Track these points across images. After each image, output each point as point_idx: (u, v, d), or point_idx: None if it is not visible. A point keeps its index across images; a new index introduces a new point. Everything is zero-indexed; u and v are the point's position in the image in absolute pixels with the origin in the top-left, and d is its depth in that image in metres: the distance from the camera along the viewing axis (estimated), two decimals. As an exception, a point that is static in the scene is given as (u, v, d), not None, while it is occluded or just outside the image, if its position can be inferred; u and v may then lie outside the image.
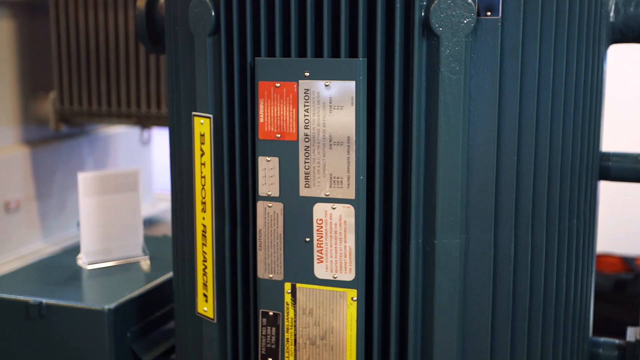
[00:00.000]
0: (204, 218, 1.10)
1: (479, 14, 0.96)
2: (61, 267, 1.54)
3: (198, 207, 1.10)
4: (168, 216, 2.17)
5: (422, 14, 0.95)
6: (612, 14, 1.11)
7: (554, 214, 1.05)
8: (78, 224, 1.58)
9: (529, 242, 1.03)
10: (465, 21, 0.95)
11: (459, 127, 0.97)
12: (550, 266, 1.06)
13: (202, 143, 1.08)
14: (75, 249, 1.63)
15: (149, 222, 2.23)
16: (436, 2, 0.94)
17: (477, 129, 0.98)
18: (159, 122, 2.09)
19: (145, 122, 2.10)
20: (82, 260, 1.55)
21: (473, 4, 0.95)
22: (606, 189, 1.32)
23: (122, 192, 1.55)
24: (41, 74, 2.05)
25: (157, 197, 2.46)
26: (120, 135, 2.31)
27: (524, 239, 1.03)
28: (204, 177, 1.09)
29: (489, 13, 0.96)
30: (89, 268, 1.53)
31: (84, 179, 1.52)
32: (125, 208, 1.56)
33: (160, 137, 2.48)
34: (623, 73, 2.27)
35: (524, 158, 1.01)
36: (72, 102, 2.06)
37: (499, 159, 1.00)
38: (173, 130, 1.19)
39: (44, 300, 1.35)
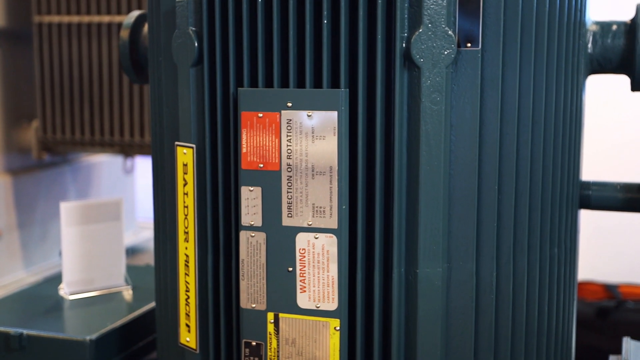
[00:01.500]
0: (186, 248, 1.10)
1: (459, 45, 0.97)
2: (42, 297, 1.53)
3: (181, 236, 1.10)
4: (151, 245, 2.16)
5: (403, 45, 0.96)
6: (590, 45, 1.13)
7: (535, 243, 1.06)
8: (60, 254, 1.57)
9: (511, 271, 1.04)
10: (445, 52, 0.96)
11: (440, 156, 0.97)
12: (531, 295, 1.07)
13: (185, 173, 1.08)
14: (57, 279, 1.62)
15: (131, 251, 2.22)
16: (417, 33, 0.95)
17: (458, 158, 0.99)
18: (142, 150, 2.09)
19: (128, 150, 2.09)
20: (64, 290, 1.54)
21: (453, 35, 0.96)
22: (588, 216, 1.33)
23: (105, 221, 1.55)
24: (24, 103, 2.05)
25: (141, 226, 2.45)
26: (103, 164, 2.30)
27: (506, 268, 1.04)
28: (187, 206, 1.09)
29: (469, 44, 0.97)
30: (71, 298, 1.52)
31: (67, 208, 1.52)
32: (108, 238, 1.55)
33: (143, 166, 2.47)
34: (601, 102, 2.30)
35: (504, 187, 1.02)
36: (55, 131, 2.06)
37: (480, 188, 1.01)
38: (156, 160, 1.19)
39: (25, 331, 1.34)
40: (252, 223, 1.02)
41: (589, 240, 2.35)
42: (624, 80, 1.17)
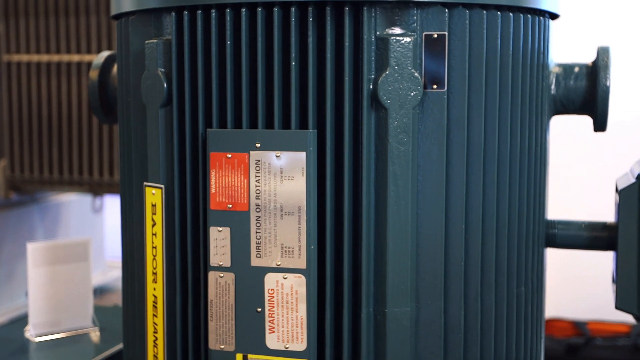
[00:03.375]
0: (155, 289, 1.09)
1: (425, 87, 0.99)
2: (8, 339, 1.51)
3: (149, 277, 1.10)
4: (120, 284, 2.15)
5: (371, 86, 0.98)
6: (553, 86, 1.15)
7: (502, 281, 1.07)
8: (26, 295, 1.56)
9: (479, 310, 1.05)
10: (412, 94, 0.97)
11: (407, 196, 0.98)
12: (500, 333, 1.08)
13: (154, 213, 1.08)
14: (23, 320, 1.60)
15: (100, 291, 2.20)
16: (384, 75, 0.97)
17: (426, 198, 1.00)
18: (111, 189, 2.08)
19: (97, 189, 2.09)
20: (30, 332, 1.52)
21: (420, 77, 0.97)
22: (557, 253, 1.34)
23: (73, 262, 1.53)
24: (-8, 142, 2.04)
25: (109, 265, 2.43)
26: (72, 203, 2.29)
27: (474, 306, 1.04)
28: (155, 247, 1.08)
29: (435, 86, 0.99)
30: (37, 340, 1.50)
31: (34, 249, 1.50)
32: (76, 278, 1.54)
33: (112, 205, 2.46)
34: (570, 140, 2.34)
35: (471, 227, 1.03)
36: (23, 170, 2.04)
37: (448, 228, 1.02)
38: (124, 200, 1.19)
39: (-10, 374, 1.31)
40: (221, 263, 1.01)
41: (558, 277, 2.37)
42: (587, 121, 1.19)
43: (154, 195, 1.08)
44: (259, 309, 1.00)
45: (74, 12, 2.02)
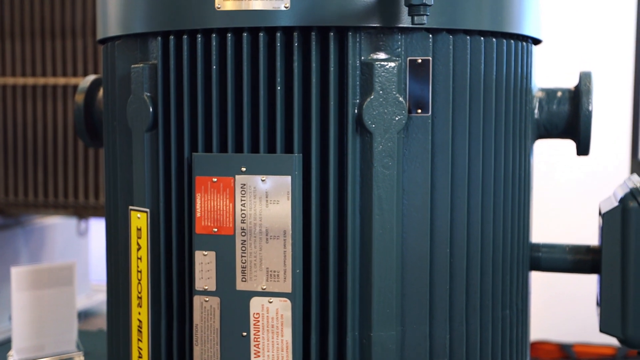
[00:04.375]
0: (139, 313, 1.09)
1: (410, 112, 0.99)
2: (-9, 364, 1.49)
3: (134, 301, 1.09)
4: (105, 308, 2.13)
5: (356, 111, 0.98)
6: (536, 111, 1.17)
7: (487, 305, 1.07)
8: (10, 319, 1.54)
9: (464, 333, 1.05)
10: (397, 118, 0.98)
11: (392, 220, 0.99)
12: (485, 356, 1.08)
13: (139, 237, 1.08)
14: (6, 345, 1.58)
15: (84, 315, 2.19)
16: (369, 100, 0.97)
17: (411, 222, 1.01)
18: (97, 212, 2.08)
19: (82, 212, 2.08)
20: (14, 357, 1.51)
21: (404, 102, 0.98)
22: (542, 275, 1.35)
23: (57, 286, 1.53)
24: (-24, 165, 2.03)
25: (94, 289, 2.42)
26: (57, 226, 2.28)
27: (459, 329, 1.04)
28: (140, 271, 1.08)
29: (419, 110, 1.00)
30: (21, 365, 1.49)
31: (18, 273, 1.49)
32: (60, 303, 1.53)
33: (98, 228, 2.45)
34: (552, 166, 2.36)
35: (456, 250, 1.03)
36: (7, 193, 2.03)
37: (433, 252, 1.02)
38: (109, 224, 1.18)
39: (-28, 400, 1.30)
40: (206, 288, 1.01)
41: (544, 300, 2.37)
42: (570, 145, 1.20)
43: (139, 219, 1.08)
44: (244, 333, 1.00)
45: (60, 35, 2.02)
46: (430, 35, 0.99)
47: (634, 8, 2.49)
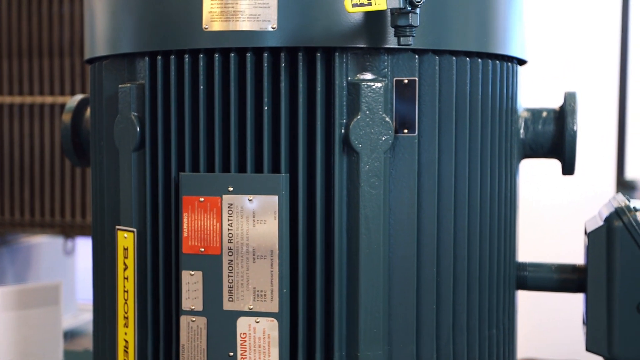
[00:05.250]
0: (126, 333, 1.08)
1: (396, 131, 1.00)
2: (-25, 385, 1.48)
3: (120, 321, 1.09)
4: (91, 327, 2.12)
5: (342, 131, 0.99)
6: (522, 131, 1.17)
7: (473, 324, 1.07)
8: (-5, 339, 1.53)
9: (451, 352, 1.05)
10: (383, 138, 0.99)
11: (379, 240, 0.99)
12: (472, 376, 1.08)
13: (126, 257, 1.08)
14: (-9, 366, 1.57)
15: (71, 335, 2.17)
16: (355, 120, 0.98)
17: (397, 241, 1.01)
18: (83, 231, 2.07)
19: (69, 231, 2.07)
20: (-2, 377, 1.49)
21: (391, 122, 0.99)
22: (529, 294, 1.35)
23: (43, 306, 1.52)
24: (-38, 184, 2.02)
25: (81, 308, 2.41)
26: (43, 245, 2.27)
27: (446, 349, 1.04)
28: (127, 291, 1.08)
29: (405, 130, 1.00)
30: (5, 386, 1.47)
31: (3, 293, 1.49)
32: (46, 323, 1.52)
33: (84, 247, 2.44)
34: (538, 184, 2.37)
35: (443, 270, 1.04)
36: (-7, 212, 2.03)
37: (419, 271, 1.02)
38: (96, 243, 1.18)
39: (-44, 422, 1.29)
40: (193, 307, 1.01)
41: (531, 318, 2.38)
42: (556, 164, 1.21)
43: (126, 239, 1.08)
44: (231, 354, 1.00)
45: (48, 53, 2.02)
46: (417, 56, 1.00)
47: (619, 28, 2.52)
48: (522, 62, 1.18)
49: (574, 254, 1.55)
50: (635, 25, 2.51)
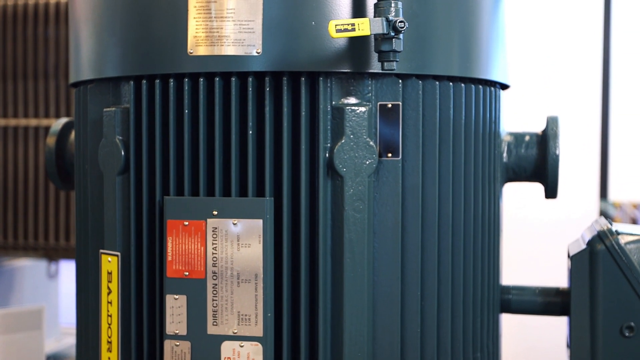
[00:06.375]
0: (109, 358, 1.07)
1: (380, 155, 1.00)
2: (-44, 410, 1.46)
3: (104, 346, 1.08)
4: (74, 352, 2.10)
5: (327, 155, 0.99)
6: (505, 154, 1.18)
7: (458, 348, 1.07)
8: (-23, 364, 1.52)
9: (435, 376, 1.05)
10: (367, 162, 0.99)
11: (364, 263, 0.99)
12: (457, 399, 1.08)
13: (110, 281, 1.07)
14: (-28, 391, 1.55)
15: (53, 359, 2.15)
16: (340, 144, 0.98)
17: (382, 265, 1.01)
18: (67, 254, 2.06)
19: (53, 254, 2.06)
20: (-20, 402, 1.48)
21: (375, 146, 0.99)
22: (514, 316, 1.35)
23: (25, 330, 1.50)
24: (-55, 207, 2.01)
25: (64, 332, 2.38)
26: (26, 269, 2.25)
27: (430, 373, 1.04)
28: (111, 315, 1.07)
29: (389, 154, 1.01)
30: (-13, 411, 1.46)
31: (-15, 316, 1.47)
32: (28, 347, 1.50)
33: (68, 270, 2.43)
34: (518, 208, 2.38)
35: (427, 293, 1.04)
36: (-24, 235, 2.01)
37: (404, 294, 1.02)
38: (80, 267, 1.18)
39: None
40: (177, 332, 1.01)
41: (517, 338, 2.38)
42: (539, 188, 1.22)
43: (110, 263, 1.07)
44: (215, 378, 0.99)
45: (32, 76, 2.02)
46: (400, 81, 1.01)
47: (600, 52, 2.55)
48: (504, 86, 1.19)
49: (558, 277, 1.56)
50: (617, 48, 2.54)
